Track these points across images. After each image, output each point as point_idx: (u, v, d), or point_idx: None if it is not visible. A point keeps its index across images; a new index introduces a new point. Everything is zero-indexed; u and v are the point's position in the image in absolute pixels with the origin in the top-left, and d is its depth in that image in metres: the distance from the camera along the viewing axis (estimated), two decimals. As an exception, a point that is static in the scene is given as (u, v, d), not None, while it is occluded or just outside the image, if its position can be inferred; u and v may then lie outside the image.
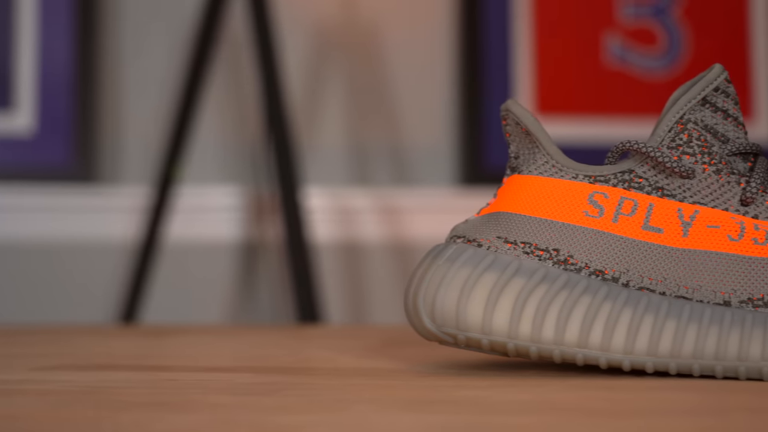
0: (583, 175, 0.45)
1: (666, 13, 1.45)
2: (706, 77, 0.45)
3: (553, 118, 1.41)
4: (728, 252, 0.43)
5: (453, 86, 1.41)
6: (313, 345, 0.62)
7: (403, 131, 1.39)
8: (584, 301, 0.43)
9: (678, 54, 1.44)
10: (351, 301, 1.36)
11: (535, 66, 1.42)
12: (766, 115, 1.44)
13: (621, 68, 1.44)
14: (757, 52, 1.45)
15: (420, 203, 1.37)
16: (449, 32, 1.41)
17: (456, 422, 0.31)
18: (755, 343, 0.42)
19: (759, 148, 0.45)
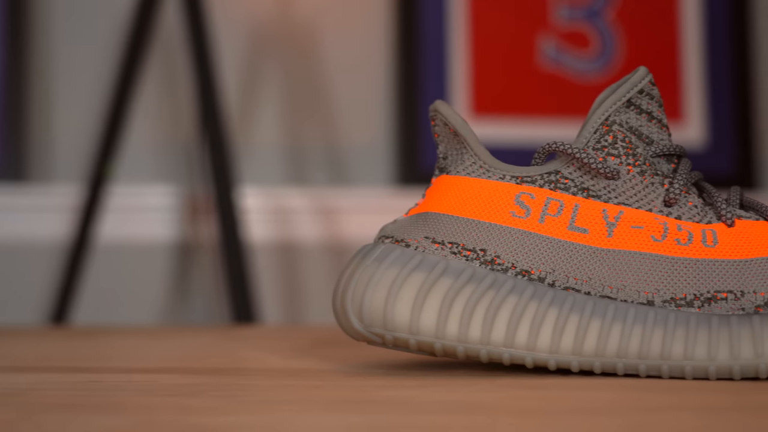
0: (510, 175, 0.45)
1: (599, 16, 1.46)
2: (631, 80, 0.46)
3: (489, 119, 1.42)
4: (652, 252, 0.43)
5: (389, 86, 1.41)
6: (244, 345, 0.61)
7: (339, 131, 1.39)
8: (511, 301, 0.43)
9: (611, 57, 1.46)
10: (287, 302, 1.36)
11: (470, 67, 1.43)
12: (696, 118, 1.46)
13: (555, 70, 1.45)
14: (688, 55, 1.47)
15: (356, 203, 1.37)
16: (386, 32, 1.42)
17: (380, 422, 0.31)
18: (678, 343, 0.42)
19: (682, 149, 0.46)
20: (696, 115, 1.46)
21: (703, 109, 1.46)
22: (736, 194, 0.46)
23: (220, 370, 0.47)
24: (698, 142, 1.46)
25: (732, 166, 1.46)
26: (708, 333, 0.42)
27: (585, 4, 1.47)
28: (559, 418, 0.32)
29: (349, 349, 0.58)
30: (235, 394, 0.38)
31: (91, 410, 0.34)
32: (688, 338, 0.42)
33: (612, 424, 0.31)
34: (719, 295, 0.43)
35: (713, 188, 0.45)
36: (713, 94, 1.47)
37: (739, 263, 0.43)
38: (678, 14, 1.48)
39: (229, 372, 0.47)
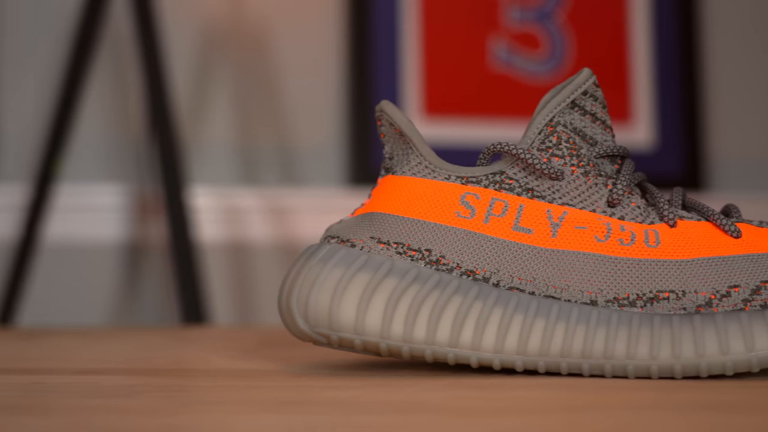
0: (456, 176, 0.45)
1: (550, 18, 1.47)
2: (575, 81, 0.46)
3: (440, 120, 1.42)
4: (595, 252, 0.44)
5: (341, 86, 1.41)
6: (189, 346, 0.61)
7: (291, 131, 1.38)
8: (455, 301, 0.43)
9: (561, 58, 1.47)
10: (238, 302, 1.35)
11: (422, 68, 1.43)
12: (645, 120, 1.48)
13: (506, 71, 1.46)
14: (636, 57, 1.49)
15: (308, 203, 1.37)
16: (338, 32, 1.41)
17: (321, 423, 0.31)
18: (620, 342, 0.43)
19: (626, 151, 0.47)
20: (644, 116, 1.48)
21: (651, 111, 1.48)
22: (678, 195, 0.47)
23: (162, 371, 0.47)
24: (647, 143, 1.47)
25: (680, 168, 1.47)
26: (650, 332, 0.42)
27: (536, 6, 1.47)
28: (499, 418, 0.32)
29: (295, 349, 0.58)
30: (174, 395, 0.38)
31: (26, 412, 0.33)
32: (630, 337, 0.42)
33: (547, 424, 0.31)
34: (661, 295, 0.43)
35: (656, 189, 0.46)
36: (661, 96, 1.48)
37: (681, 263, 0.43)
38: (627, 17, 1.49)
39: (171, 373, 0.46)
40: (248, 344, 0.62)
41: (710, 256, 0.43)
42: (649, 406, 0.35)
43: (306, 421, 0.32)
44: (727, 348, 0.42)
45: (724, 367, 0.42)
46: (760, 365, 0.42)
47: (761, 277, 0.43)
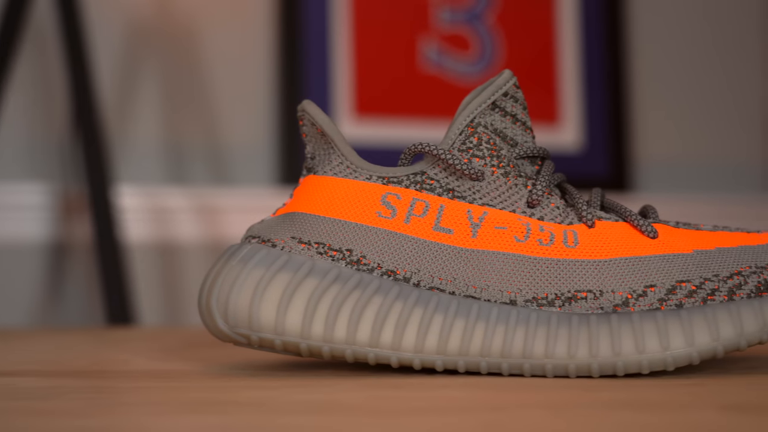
0: (377, 176, 0.45)
1: (480, 20, 1.48)
2: (495, 82, 0.46)
3: (371, 120, 1.43)
4: (514, 252, 0.44)
5: (271, 85, 1.40)
6: (111, 347, 0.60)
7: (220, 129, 1.38)
8: (376, 301, 0.43)
9: (490, 60, 1.48)
10: (166, 303, 1.34)
11: (353, 67, 1.43)
12: (573, 121, 1.49)
13: (437, 73, 1.47)
14: (565, 59, 1.50)
15: (237, 202, 1.36)
16: (268, 31, 1.41)
17: (237, 423, 0.31)
18: (539, 341, 0.43)
19: (546, 152, 0.47)
20: (572, 118, 1.49)
21: (578, 113, 1.50)
22: (597, 196, 0.47)
23: (82, 373, 0.46)
24: (574, 145, 1.49)
25: (606, 169, 1.49)
26: (568, 332, 0.43)
27: (466, 7, 1.48)
28: (418, 418, 0.32)
29: (217, 350, 0.58)
30: (92, 396, 0.38)
31: (-65, 415, 0.33)
32: (549, 337, 0.43)
33: (466, 423, 0.31)
34: (579, 295, 0.43)
35: (575, 190, 0.46)
36: (589, 98, 1.50)
37: (599, 263, 0.44)
38: (555, 19, 1.51)
39: (90, 374, 0.46)
40: (170, 345, 0.61)
41: (627, 257, 0.44)
42: (567, 405, 0.35)
43: (222, 421, 0.31)
44: (643, 347, 0.43)
45: (640, 365, 0.43)
46: (675, 364, 0.43)
47: (676, 277, 0.44)
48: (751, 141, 1.56)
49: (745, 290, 0.44)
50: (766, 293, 0.44)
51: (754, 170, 1.56)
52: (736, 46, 1.56)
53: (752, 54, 1.56)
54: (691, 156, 1.54)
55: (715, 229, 0.47)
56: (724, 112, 1.55)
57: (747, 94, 1.56)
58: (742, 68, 1.56)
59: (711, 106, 1.55)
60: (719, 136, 1.55)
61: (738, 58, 1.56)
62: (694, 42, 1.55)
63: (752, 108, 1.56)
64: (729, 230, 0.47)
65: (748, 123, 1.56)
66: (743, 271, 0.44)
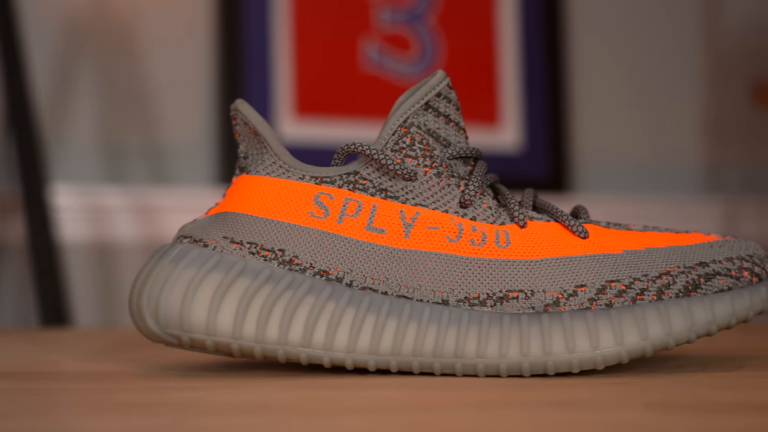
0: (310, 176, 0.45)
1: (421, 21, 1.49)
2: (429, 83, 0.46)
3: (312, 120, 1.42)
4: (447, 252, 0.44)
5: (211, 84, 1.39)
6: (44, 349, 0.59)
7: (159, 128, 1.36)
8: (308, 301, 0.43)
9: (431, 60, 1.48)
10: (103, 304, 1.32)
11: (293, 67, 1.43)
12: (513, 122, 1.50)
13: (378, 73, 1.47)
14: (505, 60, 1.51)
15: (176, 202, 1.35)
16: (208, 29, 1.40)
17: (163, 425, 0.31)
18: (471, 341, 0.43)
19: (479, 152, 0.47)
20: (512, 119, 1.50)
21: (518, 114, 1.51)
22: (529, 196, 0.47)
23: (11, 374, 0.45)
24: (514, 146, 1.50)
25: (546, 170, 1.51)
26: (500, 331, 0.43)
27: (407, 7, 1.49)
28: (348, 417, 0.32)
29: (149, 351, 0.57)
30: (20, 398, 0.37)
31: None
32: (480, 337, 0.43)
33: (397, 423, 0.31)
34: (511, 294, 0.44)
35: (508, 190, 0.47)
36: (528, 99, 1.52)
37: (530, 263, 0.44)
38: (495, 21, 1.52)
39: (20, 376, 0.45)
40: (103, 346, 0.60)
41: (558, 256, 0.45)
42: (498, 404, 0.35)
43: (149, 423, 0.31)
44: (573, 346, 0.43)
45: (570, 364, 0.43)
46: (604, 362, 0.43)
47: (606, 277, 0.44)
48: (686, 143, 1.58)
49: (674, 290, 0.44)
50: (694, 293, 0.45)
51: (690, 171, 1.58)
52: (673, 48, 1.58)
53: (688, 57, 1.58)
54: (628, 157, 1.56)
55: (645, 229, 0.48)
56: (661, 114, 1.57)
57: (683, 96, 1.58)
58: (679, 71, 1.58)
59: (648, 108, 1.57)
60: (656, 138, 1.57)
61: (674, 61, 1.58)
62: (632, 44, 1.57)
63: (688, 110, 1.58)
64: (659, 230, 0.48)
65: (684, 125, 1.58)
66: (672, 271, 0.45)
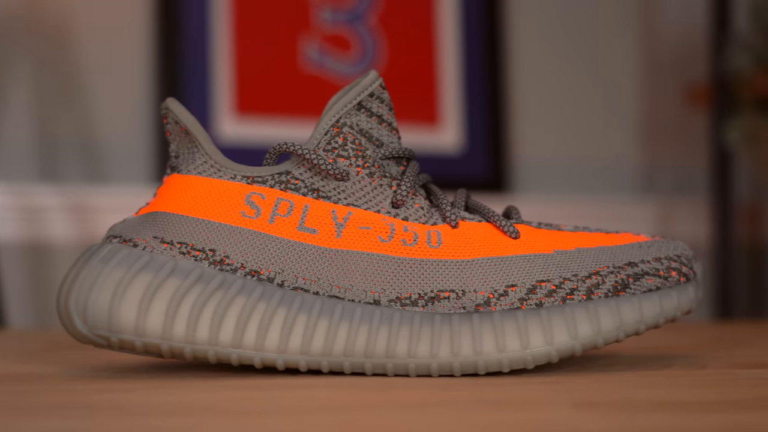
0: (241, 175, 0.45)
1: (361, 21, 1.49)
2: (361, 83, 0.46)
3: (252, 120, 1.42)
4: (378, 252, 0.44)
5: (149, 83, 1.38)
6: (-31, 350, 0.58)
7: (96, 127, 1.35)
8: (239, 302, 0.43)
9: (372, 60, 1.48)
10: (36, 304, 1.30)
11: (234, 66, 1.42)
12: (453, 123, 1.51)
13: (318, 73, 1.46)
14: (446, 61, 1.52)
15: (113, 201, 1.33)
16: (146, 27, 1.38)
17: (87, 427, 0.30)
18: (402, 341, 0.43)
19: (411, 152, 0.47)
20: (452, 120, 1.51)
21: (458, 115, 1.52)
22: (461, 197, 0.48)
23: (-67, 377, 0.45)
24: (454, 146, 1.51)
25: (486, 171, 1.52)
26: (431, 331, 0.43)
27: (348, 7, 1.49)
28: (275, 418, 0.32)
29: (78, 352, 0.56)
30: (-62, 401, 0.36)
31: None
32: (411, 336, 0.43)
33: (326, 422, 0.31)
34: (442, 294, 0.44)
35: (440, 191, 0.47)
36: (469, 100, 1.52)
37: (461, 263, 0.44)
38: (435, 22, 1.52)
39: (-59, 378, 0.44)
40: (31, 348, 0.59)
41: (489, 257, 0.45)
42: (428, 403, 0.36)
43: (68, 425, 0.31)
44: (503, 346, 0.43)
45: (500, 364, 0.43)
46: (534, 362, 0.44)
47: (537, 277, 0.45)
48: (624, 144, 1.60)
49: (603, 290, 0.45)
50: (623, 292, 0.45)
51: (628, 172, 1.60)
52: (609, 52, 1.60)
53: (624, 60, 1.60)
54: (566, 158, 1.57)
55: (576, 229, 0.48)
56: (598, 117, 1.59)
57: (619, 99, 1.60)
58: (615, 74, 1.60)
59: (585, 110, 1.59)
60: (595, 139, 1.58)
61: (610, 64, 1.60)
62: (570, 48, 1.58)
63: (624, 112, 1.60)
64: (589, 231, 0.48)
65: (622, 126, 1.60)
66: (601, 270, 0.45)
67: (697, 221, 1.61)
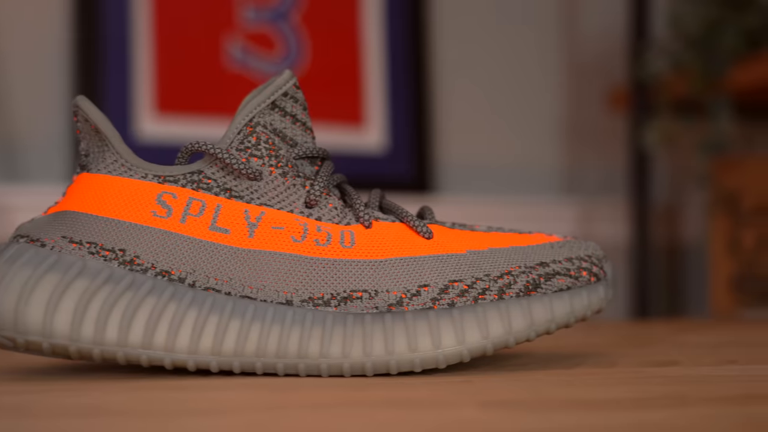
0: (153, 174, 0.44)
1: (285, 19, 1.48)
2: (275, 82, 0.46)
3: (174, 118, 1.40)
4: (291, 253, 0.44)
5: (68, 81, 1.36)
6: None
7: (11, 124, 1.32)
8: (149, 302, 0.43)
9: (296, 59, 1.48)
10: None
11: (154, 64, 1.40)
12: (378, 123, 1.51)
13: (242, 71, 1.46)
14: (370, 61, 1.52)
15: (29, 201, 1.31)
16: (64, 23, 1.36)
17: (-15, 431, 0.30)
18: (314, 341, 0.43)
19: (326, 152, 0.47)
20: (377, 120, 1.51)
21: (383, 115, 1.52)
22: (376, 197, 0.48)
23: None
24: (378, 146, 1.51)
25: (410, 171, 1.52)
26: (343, 331, 0.43)
27: (271, 6, 1.48)
28: (185, 419, 0.32)
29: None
30: None
31: None
32: (324, 337, 0.43)
33: (237, 423, 0.31)
34: (355, 294, 0.44)
35: (354, 191, 0.47)
36: (393, 100, 1.53)
37: (374, 263, 0.44)
38: (360, 22, 1.52)
39: None
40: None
41: (402, 257, 0.45)
42: (338, 404, 0.35)
43: (-32, 429, 0.30)
44: (415, 345, 0.43)
45: (412, 364, 0.44)
46: (446, 361, 0.44)
47: (449, 277, 0.45)
48: (547, 145, 1.62)
49: (515, 289, 0.45)
50: (534, 292, 0.46)
51: (550, 173, 1.62)
52: (533, 54, 1.62)
53: (547, 62, 1.62)
54: (490, 159, 1.59)
55: (489, 230, 0.48)
56: (521, 117, 1.61)
57: (542, 100, 1.62)
58: (538, 76, 1.62)
59: (509, 111, 1.60)
60: (518, 140, 1.60)
61: (534, 66, 1.62)
62: (494, 49, 1.60)
63: (548, 113, 1.62)
64: (502, 231, 0.49)
65: (544, 127, 1.62)
66: (513, 270, 0.46)
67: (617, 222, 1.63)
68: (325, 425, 0.31)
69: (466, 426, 0.30)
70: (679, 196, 1.68)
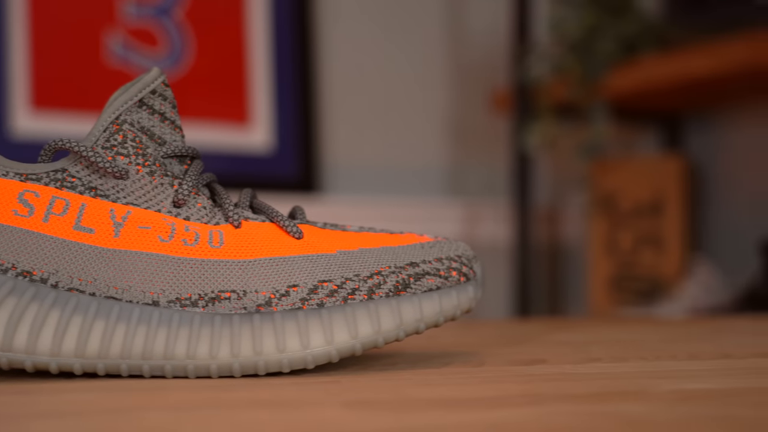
0: (14, 172, 0.43)
1: (168, 15, 1.46)
2: (143, 79, 0.45)
3: (52, 114, 1.37)
4: (158, 252, 0.43)
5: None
6: None
7: None
8: (9, 303, 0.42)
9: (179, 56, 1.46)
10: None
11: (30, 59, 1.37)
12: (264, 123, 1.51)
13: (123, 67, 1.43)
14: (256, 60, 1.51)
15: None
16: (-63, 15, 1.32)
17: None
18: (181, 342, 0.43)
19: (195, 151, 0.47)
20: (262, 120, 1.51)
21: (269, 115, 1.51)
22: (246, 197, 0.48)
23: None
24: (264, 146, 1.50)
25: (296, 171, 1.52)
26: (210, 332, 0.43)
27: (153, 2, 1.46)
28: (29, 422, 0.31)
29: None
30: None
31: None
32: (191, 338, 0.43)
33: (80, 427, 0.30)
34: (223, 295, 0.44)
35: (224, 190, 0.47)
36: (279, 100, 1.52)
37: (243, 263, 0.44)
38: (245, 20, 1.51)
39: None
40: None
41: (271, 257, 0.45)
42: (200, 405, 0.35)
43: None
44: (283, 346, 0.43)
45: (280, 364, 0.43)
46: (315, 362, 0.44)
47: (319, 277, 0.45)
48: (433, 146, 1.63)
49: (384, 289, 0.46)
50: (403, 292, 0.46)
51: (437, 174, 1.63)
52: (419, 56, 1.63)
53: (433, 65, 1.64)
54: (376, 159, 1.59)
55: (361, 230, 0.49)
56: (409, 118, 1.62)
57: (428, 102, 1.63)
58: (424, 78, 1.63)
59: (395, 112, 1.61)
60: (405, 141, 1.61)
61: (420, 68, 1.63)
62: (380, 50, 1.61)
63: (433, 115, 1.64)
64: (374, 231, 0.49)
65: (430, 129, 1.63)
66: (383, 270, 0.46)
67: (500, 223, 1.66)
68: (184, 427, 0.30)
69: (325, 426, 0.30)
70: (560, 198, 1.71)
